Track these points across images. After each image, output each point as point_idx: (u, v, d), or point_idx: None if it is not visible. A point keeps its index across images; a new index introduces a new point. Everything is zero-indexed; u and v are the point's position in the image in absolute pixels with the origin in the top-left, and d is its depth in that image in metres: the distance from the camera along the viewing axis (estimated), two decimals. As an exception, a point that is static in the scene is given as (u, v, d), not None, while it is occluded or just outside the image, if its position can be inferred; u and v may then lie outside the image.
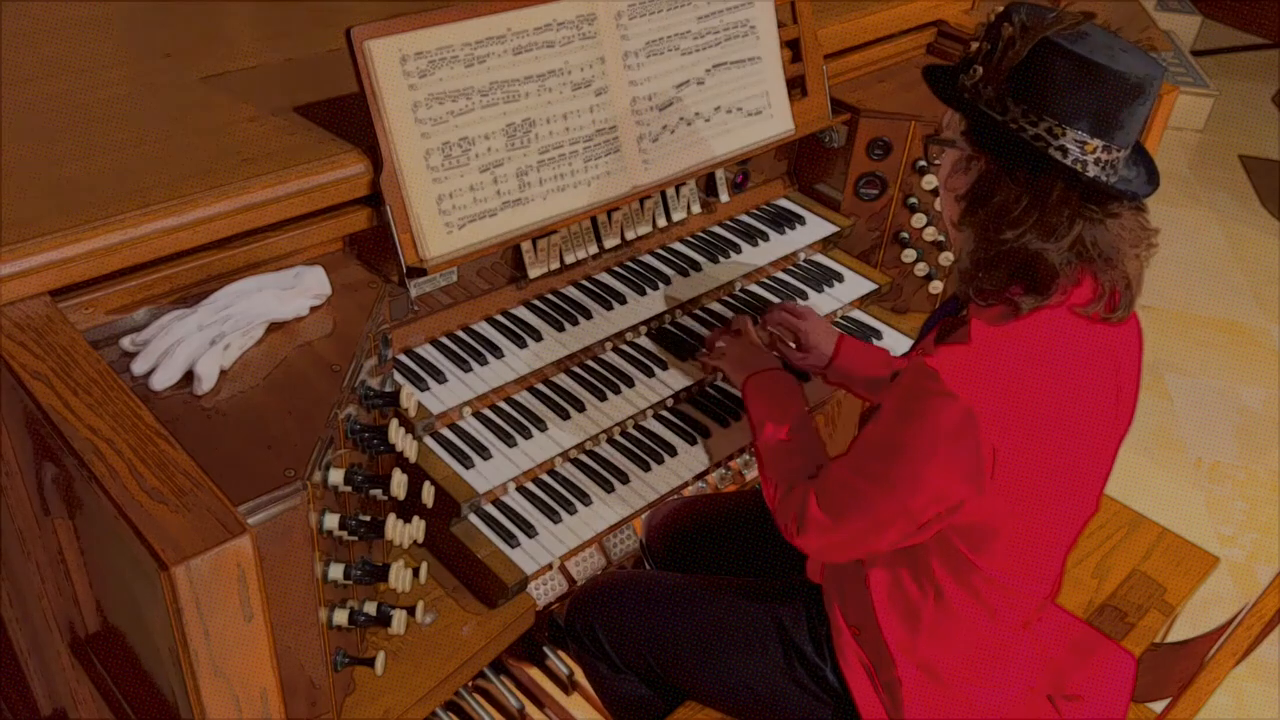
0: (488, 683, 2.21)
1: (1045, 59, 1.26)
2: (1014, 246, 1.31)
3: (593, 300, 1.98)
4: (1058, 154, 1.28)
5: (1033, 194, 1.31)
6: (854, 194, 2.28)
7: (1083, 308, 1.35)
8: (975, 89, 1.33)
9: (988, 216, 1.33)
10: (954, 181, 1.40)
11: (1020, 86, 1.29)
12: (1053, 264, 1.31)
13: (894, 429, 1.37)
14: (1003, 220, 1.32)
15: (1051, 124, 1.28)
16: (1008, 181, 1.32)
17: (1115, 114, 1.27)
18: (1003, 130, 1.31)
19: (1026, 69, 1.28)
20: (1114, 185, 1.31)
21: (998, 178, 1.33)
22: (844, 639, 1.57)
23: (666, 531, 2.00)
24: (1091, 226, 1.31)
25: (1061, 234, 1.30)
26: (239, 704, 1.17)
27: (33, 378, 1.25)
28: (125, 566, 1.30)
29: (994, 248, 1.33)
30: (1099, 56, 1.25)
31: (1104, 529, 2.11)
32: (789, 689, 1.62)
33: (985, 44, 1.33)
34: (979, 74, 1.32)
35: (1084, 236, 1.31)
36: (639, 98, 1.91)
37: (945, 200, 1.45)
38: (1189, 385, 3.67)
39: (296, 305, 1.49)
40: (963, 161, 1.38)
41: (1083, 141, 1.28)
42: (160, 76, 1.83)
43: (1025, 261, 1.32)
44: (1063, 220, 1.30)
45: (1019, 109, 1.29)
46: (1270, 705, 2.63)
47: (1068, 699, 1.60)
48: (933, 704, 1.53)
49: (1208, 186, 4.91)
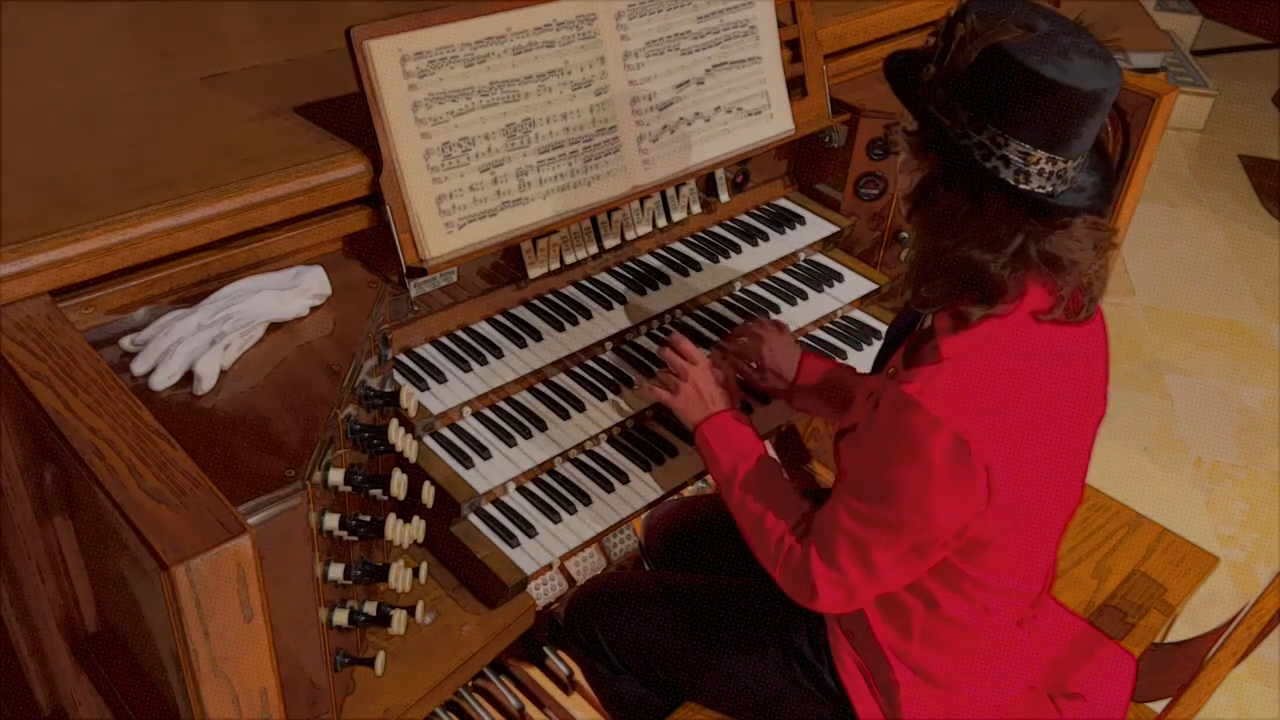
0: (488, 683, 2.21)
1: (993, 67, 1.20)
2: (955, 255, 1.28)
3: (593, 300, 1.98)
4: (999, 164, 1.23)
5: (972, 203, 1.27)
6: (854, 194, 2.28)
7: (1044, 314, 1.31)
8: (929, 87, 1.28)
9: (927, 220, 1.31)
10: (902, 178, 1.38)
11: (969, 91, 1.23)
12: (995, 275, 1.27)
13: (885, 467, 1.33)
14: (943, 227, 1.29)
15: (995, 133, 1.22)
16: (944, 188, 1.28)
17: (1064, 127, 1.22)
18: (946, 134, 1.26)
19: (975, 74, 1.22)
20: (1057, 200, 1.26)
21: (939, 183, 1.29)
22: (839, 642, 1.57)
23: (666, 532, 2.00)
24: (1037, 238, 1.27)
25: (1002, 245, 1.26)
26: (239, 704, 1.17)
27: (33, 378, 1.25)
28: (125, 566, 1.30)
29: (935, 254, 1.30)
30: (1048, 69, 1.18)
31: (1104, 529, 2.11)
32: (787, 689, 1.62)
33: (940, 41, 1.27)
34: (931, 73, 1.27)
35: (1028, 247, 1.27)
36: (639, 98, 1.91)
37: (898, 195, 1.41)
38: (1189, 385, 3.67)
39: (296, 305, 1.49)
40: (912, 160, 1.35)
41: (1025, 153, 1.23)
42: (160, 76, 1.83)
43: (966, 270, 1.28)
44: (1002, 232, 1.26)
45: (966, 114, 1.24)
46: (1270, 705, 2.62)
47: (1068, 698, 1.60)
48: (930, 704, 1.53)
49: (1208, 186, 4.91)
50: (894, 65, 1.36)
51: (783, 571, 1.49)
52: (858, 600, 1.47)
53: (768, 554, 1.51)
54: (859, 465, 1.39)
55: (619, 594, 1.79)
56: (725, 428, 1.64)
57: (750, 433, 1.64)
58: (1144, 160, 2.25)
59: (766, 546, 1.51)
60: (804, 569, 1.44)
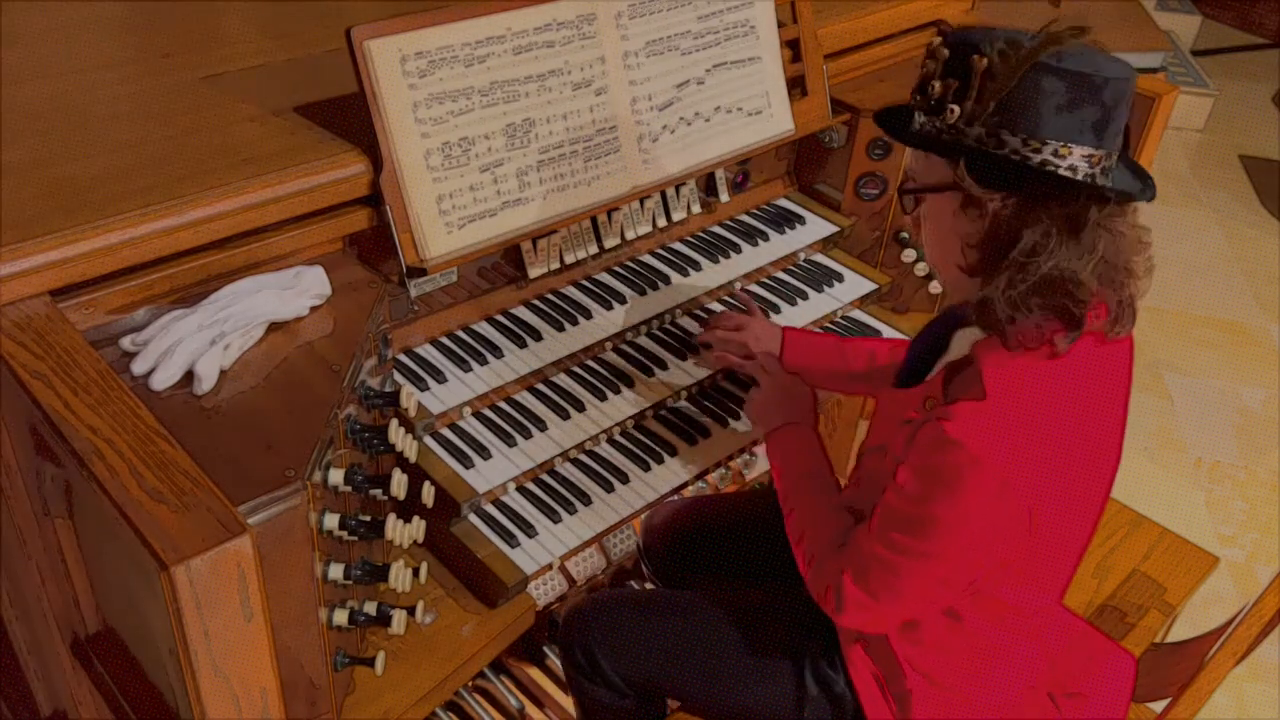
0: (488, 683, 2.21)
1: (1038, 82, 1.22)
2: (1049, 276, 1.26)
3: (593, 300, 1.98)
4: (1070, 174, 1.25)
5: (1066, 221, 1.26)
6: (854, 194, 2.28)
7: (1097, 326, 1.31)
8: (955, 129, 1.28)
9: (1021, 256, 1.27)
10: (962, 227, 1.33)
11: (1013, 115, 1.24)
12: (1085, 284, 1.26)
13: (923, 504, 1.31)
14: (1038, 256, 1.26)
15: (1056, 145, 1.24)
16: (1034, 216, 1.26)
17: (1110, 121, 1.25)
18: (1006, 164, 1.25)
19: (1017, 96, 1.23)
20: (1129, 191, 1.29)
21: (1022, 215, 1.27)
22: (853, 649, 1.56)
23: (665, 534, 1.99)
24: (1110, 239, 1.28)
25: (1090, 252, 1.26)
26: (239, 704, 1.17)
27: (33, 378, 1.25)
28: (125, 566, 1.30)
29: (1028, 283, 1.27)
30: (1087, 68, 1.22)
31: (1104, 529, 2.11)
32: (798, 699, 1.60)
33: (951, 81, 1.27)
34: (957, 114, 1.27)
35: (1104, 252, 1.28)
36: (639, 98, 1.91)
37: (945, 246, 1.36)
38: (1189, 385, 3.67)
39: (296, 305, 1.49)
40: (964, 204, 1.31)
41: (1089, 155, 1.25)
42: (160, 76, 1.83)
43: (1059, 289, 1.26)
44: (1091, 239, 1.26)
45: (1017, 139, 1.24)
46: (1270, 705, 2.62)
47: (1068, 696, 1.60)
48: (936, 706, 1.53)
49: (1208, 186, 4.91)
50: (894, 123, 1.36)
51: (812, 573, 1.50)
52: (882, 624, 1.48)
53: (803, 542, 1.54)
54: (897, 498, 1.36)
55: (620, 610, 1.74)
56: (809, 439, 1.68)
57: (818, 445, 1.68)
58: (1144, 160, 2.25)
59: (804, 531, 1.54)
60: (836, 584, 1.44)
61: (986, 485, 1.26)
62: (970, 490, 1.26)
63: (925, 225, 1.41)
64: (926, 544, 1.33)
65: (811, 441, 1.68)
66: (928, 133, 1.32)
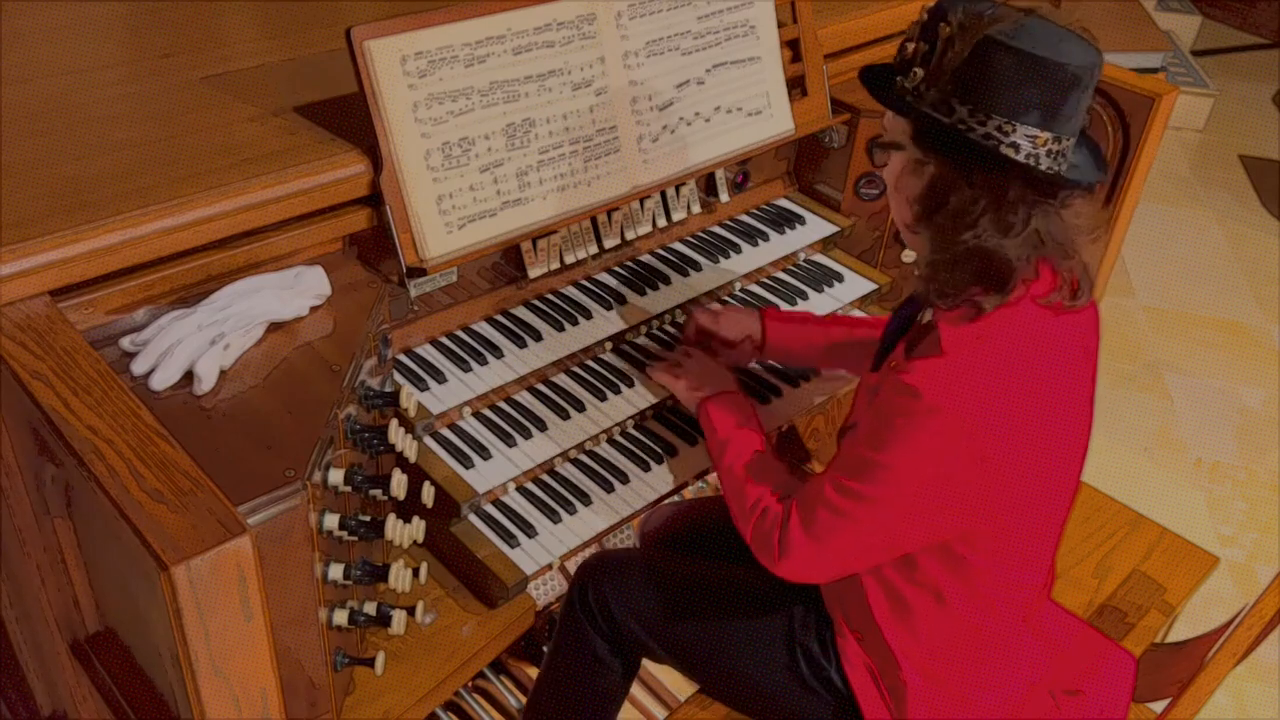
0: (488, 683, 2.21)
1: (988, 57, 1.25)
2: (971, 246, 1.31)
3: (593, 300, 1.98)
4: (1010, 151, 1.28)
5: (989, 194, 1.30)
6: (854, 194, 2.28)
7: (1044, 298, 1.35)
8: (917, 91, 1.32)
9: (945, 219, 1.33)
10: (905, 184, 1.39)
11: (964, 86, 1.28)
12: (1010, 259, 1.30)
13: (878, 449, 1.36)
14: (960, 222, 1.31)
15: (1000, 121, 1.27)
16: (963, 184, 1.31)
17: (1061, 104, 1.27)
18: (951, 132, 1.29)
19: (969, 68, 1.27)
20: (1067, 176, 1.31)
21: (952, 180, 1.32)
22: (848, 642, 1.57)
23: (663, 535, 2.00)
24: (1046, 218, 1.31)
25: (1018, 229, 1.30)
26: (239, 704, 1.17)
27: (33, 378, 1.25)
28: (125, 566, 1.30)
29: (952, 249, 1.32)
30: (1041, 49, 1.24)
31: (1104, 529, 2.11)
32: (791, 686, 1.62)
33: (922, 44, 1.31)
34: (919, 76, 1.31)
35: (1039, 229, 1.31)
36: (639, 98, 1.91)
37: (896, 203, 1.44)
38: (1189, 385, 3.67)
39: (296, 305, 1.49)
40: (913, 165, 1.37)
41: (1033, 136, 1.27)
42: (160, 76, 1.83)
43: (983, 260, 1.31)
44: (1019, 216, 1.30)
45: (965, 109, 1.28)
46: (1270, 705, 2.62)
47: (1068, 694, 1.60)
48: (935, 703, 1.53)
49: (1208, 186, 4.91)
50: (871, 77, 1.40)
51: (755, 530, 1.52)
52: (821, 573, 1.51)
53: (743, 510, 1.56)
54: (854, 446, 1.41)
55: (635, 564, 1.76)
56: (731, 400, 1.72)
57: (751, 410, 1.71)
58: (1144, 160, 2.25)
59: (743, 504, 1.56)
60: (781, 527, 1.47)
61: (939, 432, 1.30)
62: (923, 437, 1.31)
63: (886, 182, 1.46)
64: (875, 488, 1.36)
65: (744, 402, 1.73)
66: (893, 92, 1.36)
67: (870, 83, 1.40)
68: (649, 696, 2.32)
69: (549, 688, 1.81)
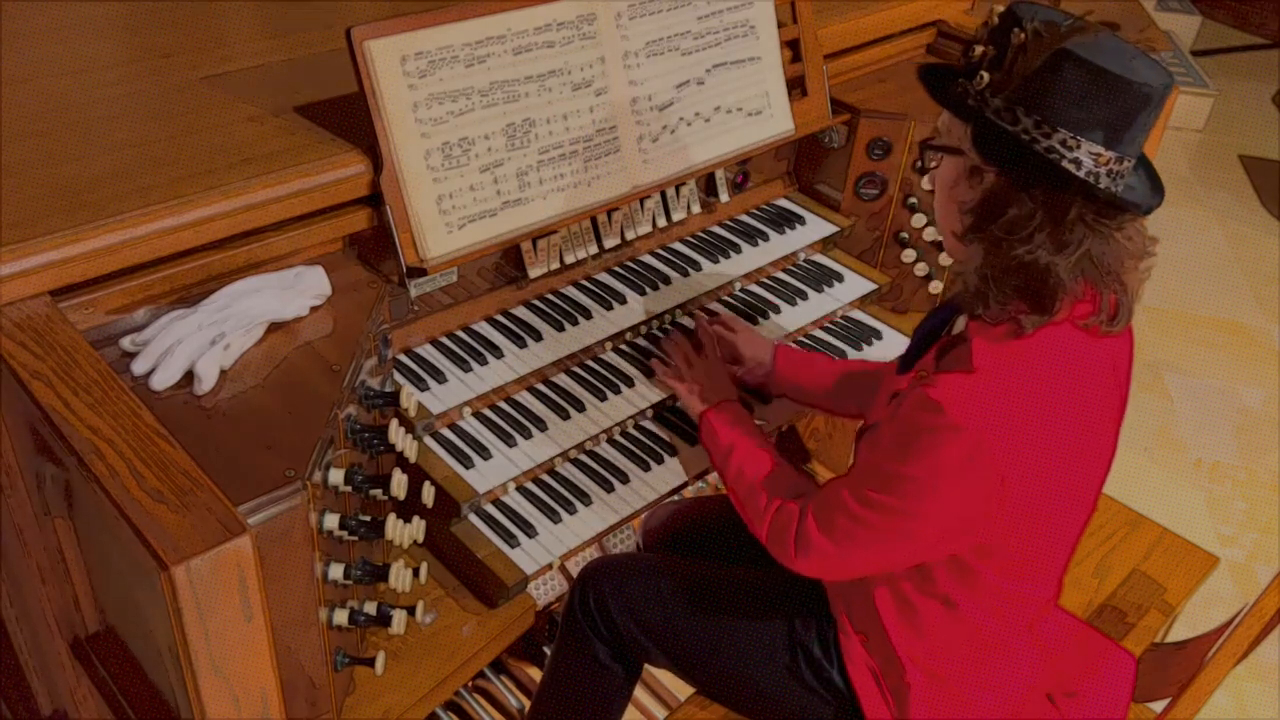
0: (488, 683, 2.21)
1: (1060, 68, 1.22)
2: (1026, 260, 1.28)
3: (593, 300, 1.98)
4: (1071, 166, 1.25)
5: (1048, 209, 1.27)
6: (854, 194, 2.28)
7: (1084, 321, 1.32)
8: (981, 96, 1.29)
9: (1000, 231, 1.29)
10: (961, 193, 1.35)
11: (1032, 96, 1.25)
12: (1061, 278, 1.28)
13: (898, 461, 1.34)
14: (1015, 235, 1.28)
15: (1066, 135, 1.24)
16: (1023, 196, 1.28)
17: (1129, 124, 1.24)
18: (1013, 141, 1.26)
19: (1039, 78, 1.24)
20: (1127, 199, 1.28)
21: (1011, 192, 1.29)
22: (851, 643, 1.57)
23: (664, 535, 2.00)
24: (1099, 240, 1.29)
25: (1072, 249, 1.27)
26: (239, 704, 1.17)
27: (33, 378, 1.25)
28: (125, 566, 1.30)
29: (1003, 262, 1.29)
30: (1114, 66, 1.21)
31: (1104, 529, 2.11)
32: (791, 686, 1.62)
33: (991, 49, 1.28)
34: (985, 81, 1.28)
35: (1091, 250, 1.28)
36: (639, 98, 1.91)
37: (945, 210, 1.40)
38: (1189, 385, 3.67)
39: (296, 305, 1.49)
40: (969, 171, 1.33)
41: (1096, 154, 1.24)
42: (160, 76, 1.83)
43: (1033, 276, 1.28)
44: (1075, 235, 1.27)
45: (1031, 119, 1.25)
46: (1270, 705, 2.62)
47: (1067, 696, 1.60)
48: (937, 703, 1.53)
49: (1208, 186, 4.91)
50: (933, 78, 1.37)
51: (770, 527, 1.53)
52: (834, 574, 1.52)
53: (757, 510, 1.56)
54: (874, 456, 1.41)
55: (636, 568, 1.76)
56: (732, 411, 1.72)
57: (751, 420, 1.72)
58: (1144, 160, 2.25)
59: (757, 503, 1.56)
60: (798, 527, 1.47)
61: (961, 450, 1.28)
62: (944, 454, 1.29)
63: (935, 186, 1.43)
64: (895, 500, 1.35)
65: (744, 412, 1.74)
66: (956, 94, 1.33)
67: (931, 83, 1.37)
68: (649, 696, 2.32)
69: (551, 693, 1.81)
